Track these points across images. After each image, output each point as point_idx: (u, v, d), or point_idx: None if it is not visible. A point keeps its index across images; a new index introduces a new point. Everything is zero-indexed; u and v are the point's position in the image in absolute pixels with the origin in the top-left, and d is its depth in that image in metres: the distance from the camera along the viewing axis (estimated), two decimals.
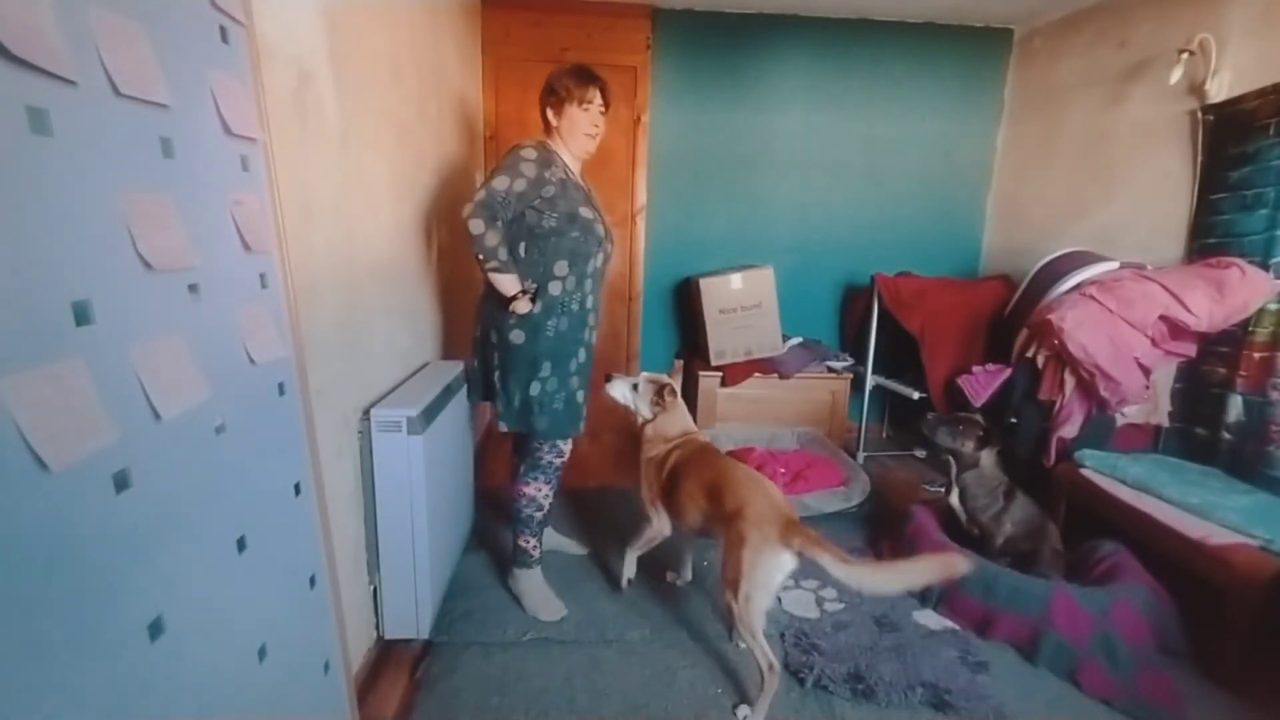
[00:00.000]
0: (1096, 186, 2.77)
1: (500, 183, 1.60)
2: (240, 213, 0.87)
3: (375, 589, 1.59)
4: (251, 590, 0.87)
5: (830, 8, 3.05)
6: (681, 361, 1.64)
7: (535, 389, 1.73)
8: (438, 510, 1.68)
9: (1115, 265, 2.32)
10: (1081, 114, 2.86)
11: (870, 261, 3.28)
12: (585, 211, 1.72)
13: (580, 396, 1.82)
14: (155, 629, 0.67)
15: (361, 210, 1.52)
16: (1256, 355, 2.03)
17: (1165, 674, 1.58)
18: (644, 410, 1.85)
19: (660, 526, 1.80)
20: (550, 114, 1.75)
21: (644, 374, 1.89)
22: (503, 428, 1.81)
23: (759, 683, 1.46)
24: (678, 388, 1.88)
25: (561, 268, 1.71)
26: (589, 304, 1.79)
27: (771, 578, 1.43)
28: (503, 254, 1.61)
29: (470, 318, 1.88)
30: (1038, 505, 1.99)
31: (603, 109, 1.75)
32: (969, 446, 1.99)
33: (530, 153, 1.66)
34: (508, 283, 1.64)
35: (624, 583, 1.88)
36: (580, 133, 1.73)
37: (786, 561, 1.42)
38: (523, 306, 1.67)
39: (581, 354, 1.80)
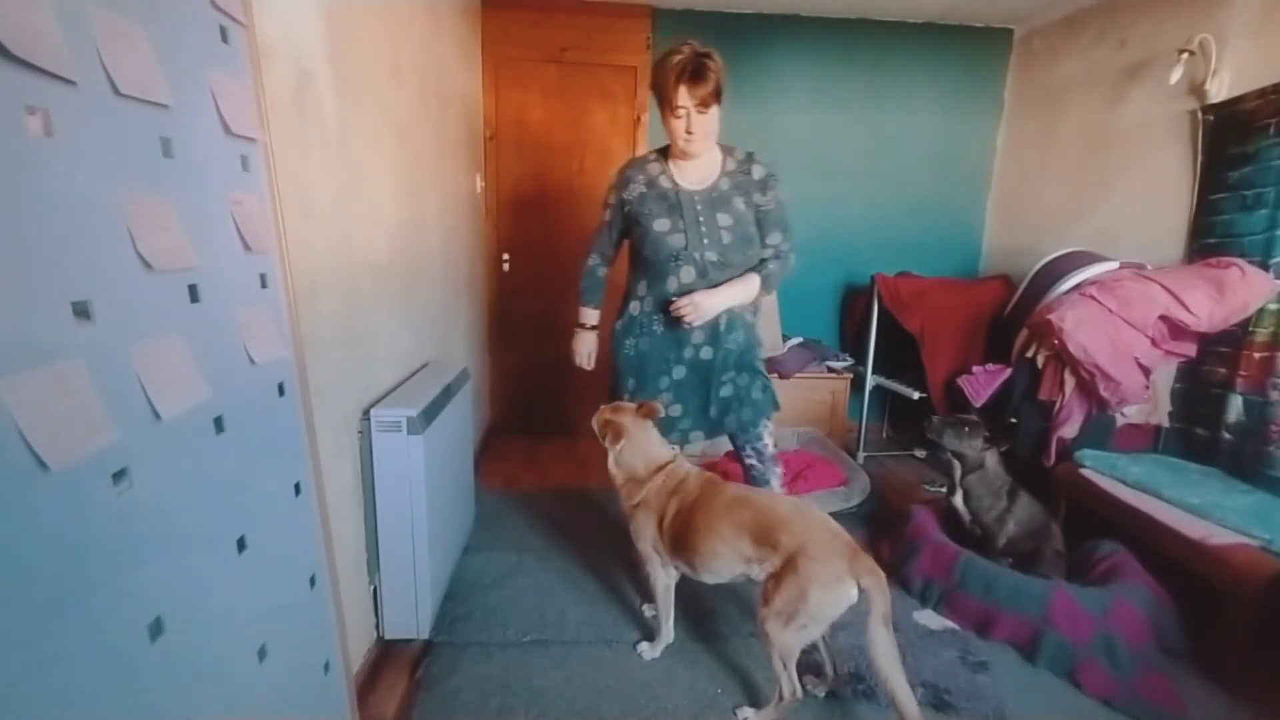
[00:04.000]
0: (1096, 186, 2.76)
1: (601, 218, 1.76)
2: (240, 213, 0.87)
3: (375, 589, 1.59)
4: (251, 590, 0.87)
5: (830, 8, 3.05)
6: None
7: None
8: (438, 510, 1.68)
9: (1115, 265, 2.32)
10: (1081, 114, 2.86)
11: (870, 261, 3.28)
12: (660, 224, 1.61)
13: (676, 410, 1.74)
14: (155, 629, 0.67)
15: (361, 210, 1.52)
16: (1256, 355, 2.02)
17: (1165, 674, 1.58)
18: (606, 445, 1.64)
19: (669, 579, 1.65)
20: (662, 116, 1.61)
21: (604, 406, 1.69)
22: None
23: (775, 699, 1.41)
24: (624, 419, 1.62)
25: (641, 287, 1.71)
26: (680, 325, 1.64)
27: (836, 611, 1.35)
28: (584, 284, 1.86)
29: (472, 317, 1.88)
30: (1041, 505, 1.99)
31: (701, 107, 1.51)
32: (975, 448, 1.99)
33: (615, 174, 1.72)
34: (581, 312, 1.86)
35: (658, 651, 1.67)
36: (676, 139, 1.58)
37: (853, 594, 1.33)
38: (582, 341, 1.87)
39: (678, 371, 1.72)
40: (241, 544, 0.85)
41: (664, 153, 1.69)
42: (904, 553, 2.05)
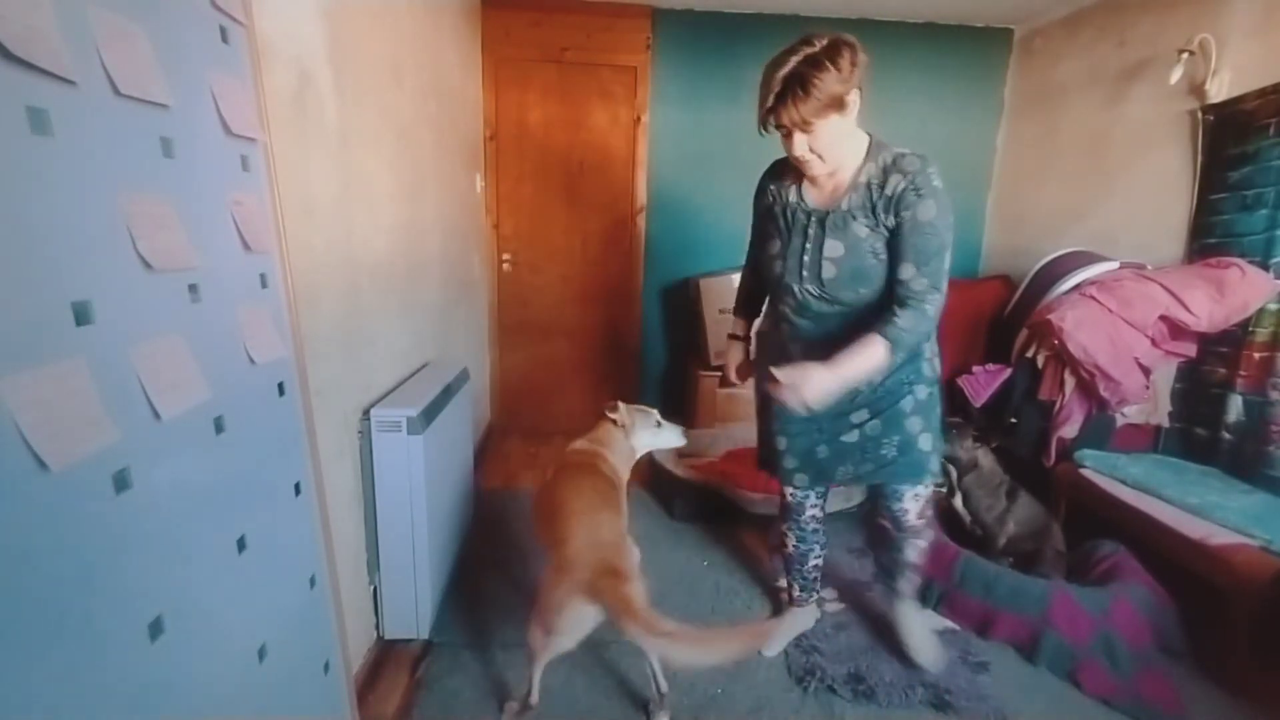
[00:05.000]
0: (1096, 186, 2.76)
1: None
2: (240, 213, 0.87)
3: (375, 589, 1.59)
4: (251, 590, 0.87)
5: (830, 8, 3.05)
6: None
7: (757, 422, 1.66)
8: (438, 510, 1.68)
9: (1115, 265, 2.32)
10: (1081, 114, 2.86)
11: None
12: (770, 246, 1.44)
13: (781, 443, 1.56)
14: (155, 629, 0.67)
15: (361, 210, 1.52)
16: (1256, 355, 2.02)
17: (1165, 674, 1.58)
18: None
19: None
20: None
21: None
22: None
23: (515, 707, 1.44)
24: (622, 412, 1.71)
25: (770, 306, 1.56)
26: (795, 352, 1.44)
27: (576, 627, 1.29)
28: (738, 293, 1.70)
29: (472, 317, 1.88)
30: (1041, 505, 1.99)
31: (803, 127, 1.24)
32: (965, 449, 1.99)
33: (759, 183, 1.53)
34: (733, 324, 1.72)
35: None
36: (791, 154, 1.33)
37: (590, 616, 1.27)
38: (733, 354, 1.70)
39: (822, 450, 1.53)
40: (241, 544, 0.85)
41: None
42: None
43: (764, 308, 1.62)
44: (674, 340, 3.49)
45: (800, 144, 1.27)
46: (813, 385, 1.23)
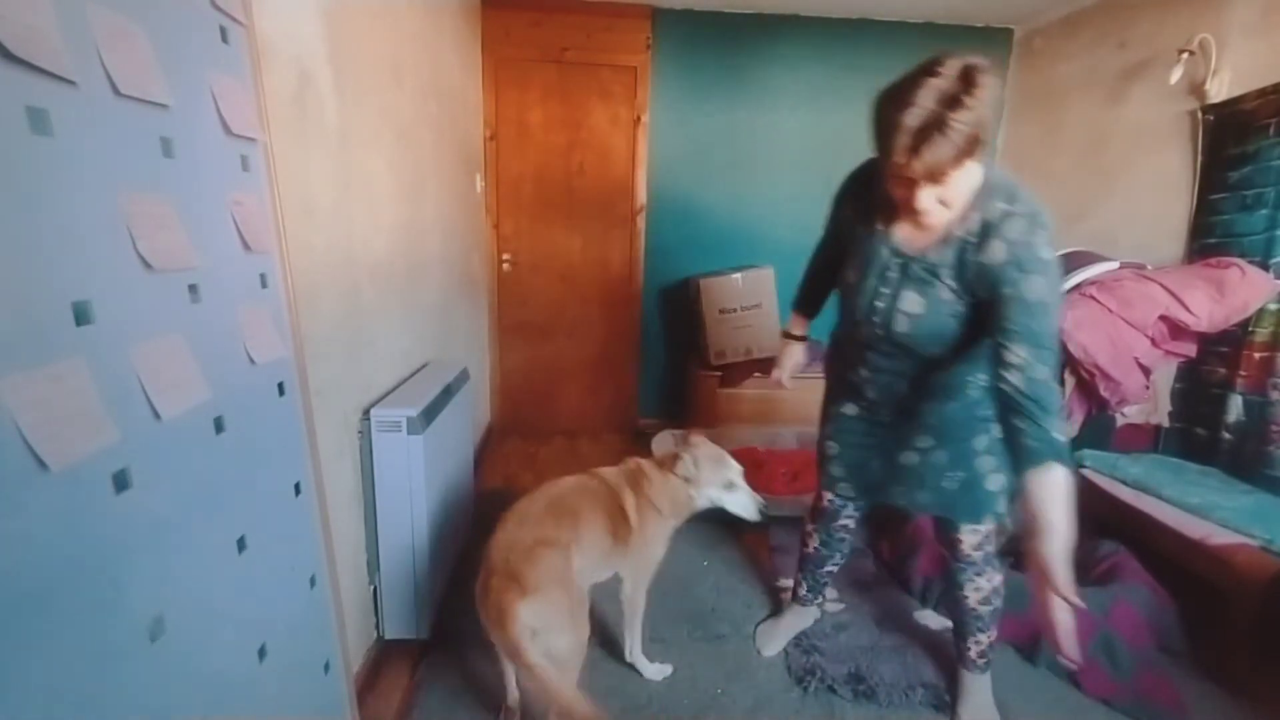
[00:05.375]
0: (1096, 186, 2.76)
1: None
2: (240, 213, 0.87)
3: (375, 589, 1.59)
4: (251, 590, 0.87)
5: (830, 8, 3.05)
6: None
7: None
8: (438, 510, 1.68)
9: (1115, 265, 2.31)
10: (1081, 114, 2.86)
11: None
12: (850, 273, 1.27)
13: (831, 448, 1.51)
14: (155, 629, 0.67)
15: (361, 210, 1.52)
16: (1256, 355, 2.02)
17: (1165, 674, 1.58)
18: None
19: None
20: None
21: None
22: None
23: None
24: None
25: (843, 326, 1.41)
26: (870, 393, 1.37)
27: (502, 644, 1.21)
28: (805, 290, 1.57)
29: (472, 317, 1.88)
30: None
31: (939, 177, 1.00)
32: None
33: (841, 185, 1.35)
34: (793, 320, 1.60)
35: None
36: (901, 203, 1.10)
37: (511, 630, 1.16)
38: (788, 354, 1.61)
39: (850, 404, 1.46)
40: (241, 544, 0.85)
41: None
42: (904, 552, 2.05)
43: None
44: (674, 340, 3.49)
45: (927, 197, 1.04)
46: (1063, 573, 0.96)
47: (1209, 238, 2.21)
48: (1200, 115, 2.27)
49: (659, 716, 1.47)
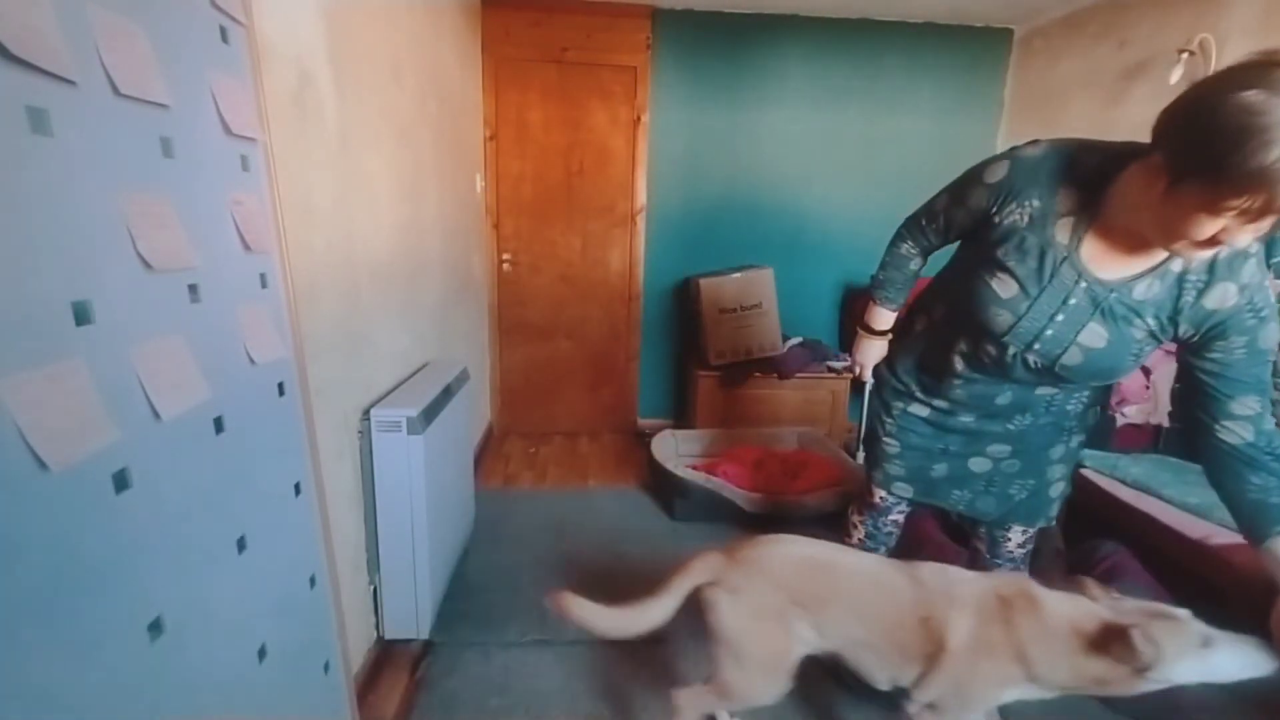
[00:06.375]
0: None
1: (939, 200, 1.24)
2: (240, 213, 0.87)
3: (375, 589, 1.59)
4: (251, 590, 0.87)
5: (830, 8, 3.05)
6: None
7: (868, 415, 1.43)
8: (438, 510, 1.68)
9: None
10: (1081, 114, 2.85)
11: (870, 261, 3.26)
12: (1001, 283, 1.06)
13: (892, 446, 1.38)
14: (155, 629, 0.67)
15: (361, 210, 1.52)
16: None
17: None
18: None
19: None
20: (1140, 169, 0.95)
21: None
22: None
23: None
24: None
25: (939, 307, 1.28)
26: (958, 396, 1.23)
27: None
28: (882, 274, 1.37)
29: (472, 317, 1.88)
30: None
31: (1262, 219, 0.78)
32: None
33: (1001, 169, 1.07)
34: (871, 312, 1.40)
35: None
36: (1185, 235, 0.85)
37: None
38: (865, 347, 1.42)
39: (917, 404, 1.33)
40: (241, 544, 0.85)
41: (1094, 188, 1.01)
42: (904, 553, 2.05)
43: (920, 310, 1.35)
44: (674, 340, 3.50)
45: (1240, 236, 0.82)
46: None
47: None
48: None
49: (659, 716, 1.47)
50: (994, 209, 1.08)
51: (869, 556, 1.26)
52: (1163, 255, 0.97)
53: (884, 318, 1.41)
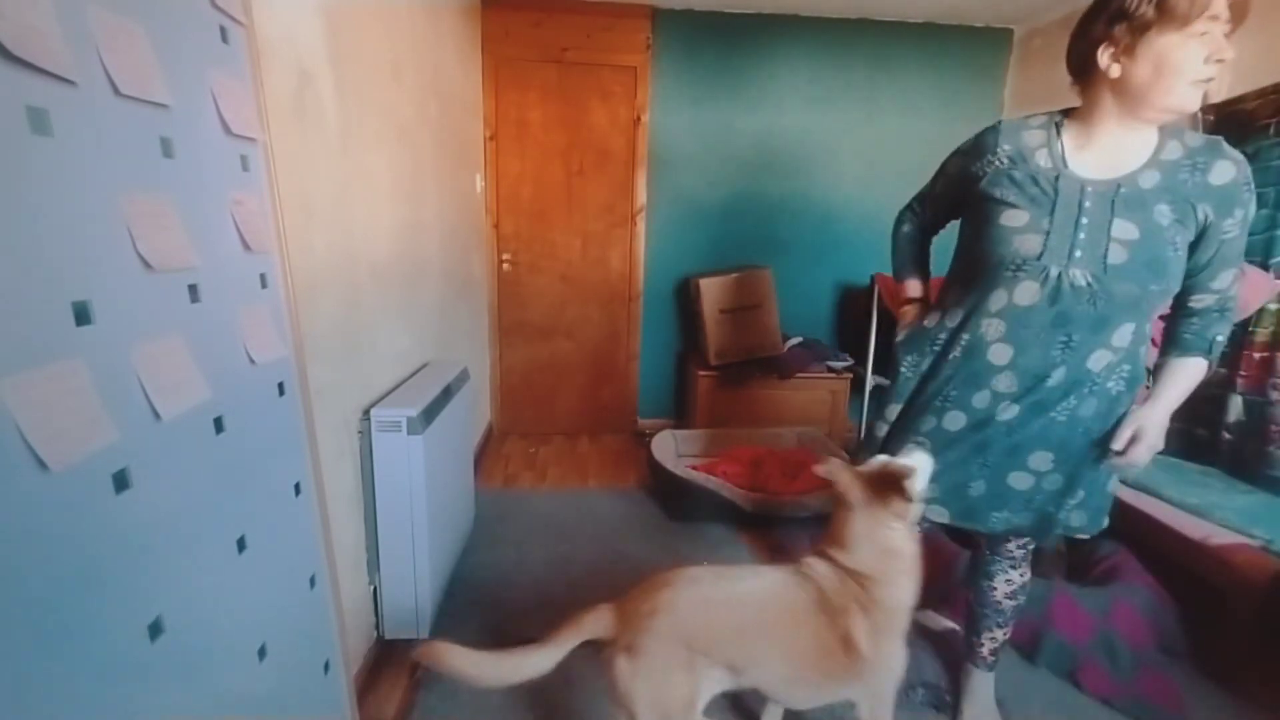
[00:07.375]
0: None
1: (926, 185, 1.40)
2: (240, 213, 0.87)
3: (375, 589, 1.59)
4: (251, 590, 0.87)
5: (830, 8, 3.05)
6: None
7: (880, 429, 1.34)
8: (438, 510, 1.68)
9: None
10: None
11: (870, 261, 3.28)
12: (1012, 216, 1.10)
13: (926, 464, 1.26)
14: (155, 629, 0.67)
15: (361, 210, 1.52)
16: (1256, 355, 2.02)
17: (1165, 674, 1.58)
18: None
19: None
20: (1104, 55, 1.13)
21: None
22: None
23: None
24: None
25: (950, 295, 1.25)
26: (995, 357, 1.14)
27: None
28: (895, 259, 1.46)
29: (472, 317, 1.88)
30: None
31: (1236, 19, 1.04)
32: None
33: (969, 140, 1.26)
34: (905, 286, 1.43)
35: None
36: (1180, 78, 1.00)
37: None
38: (904, 315, 1.38)
39: (954, 418, 1.21)
40: (241, 544, 0.85)
41: (1060, 118, 1.22)
42: None
43: (938, 313, 1.28)
44: (674, 340, 3.50)
45: (1227, 47, 0.99)
46: (1159, 432, 1.06)
47: None
48: (1200, 115, 2.27)
49: None
50: (974, 166, 1.20)
51: (766, 575, 1.18)
52: (1152, 147, 1.08)
53: (914, 287, 1.46)
